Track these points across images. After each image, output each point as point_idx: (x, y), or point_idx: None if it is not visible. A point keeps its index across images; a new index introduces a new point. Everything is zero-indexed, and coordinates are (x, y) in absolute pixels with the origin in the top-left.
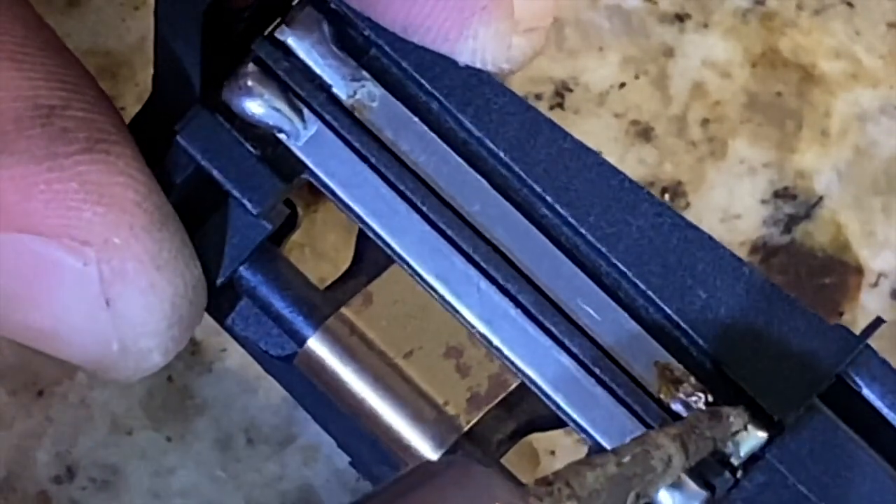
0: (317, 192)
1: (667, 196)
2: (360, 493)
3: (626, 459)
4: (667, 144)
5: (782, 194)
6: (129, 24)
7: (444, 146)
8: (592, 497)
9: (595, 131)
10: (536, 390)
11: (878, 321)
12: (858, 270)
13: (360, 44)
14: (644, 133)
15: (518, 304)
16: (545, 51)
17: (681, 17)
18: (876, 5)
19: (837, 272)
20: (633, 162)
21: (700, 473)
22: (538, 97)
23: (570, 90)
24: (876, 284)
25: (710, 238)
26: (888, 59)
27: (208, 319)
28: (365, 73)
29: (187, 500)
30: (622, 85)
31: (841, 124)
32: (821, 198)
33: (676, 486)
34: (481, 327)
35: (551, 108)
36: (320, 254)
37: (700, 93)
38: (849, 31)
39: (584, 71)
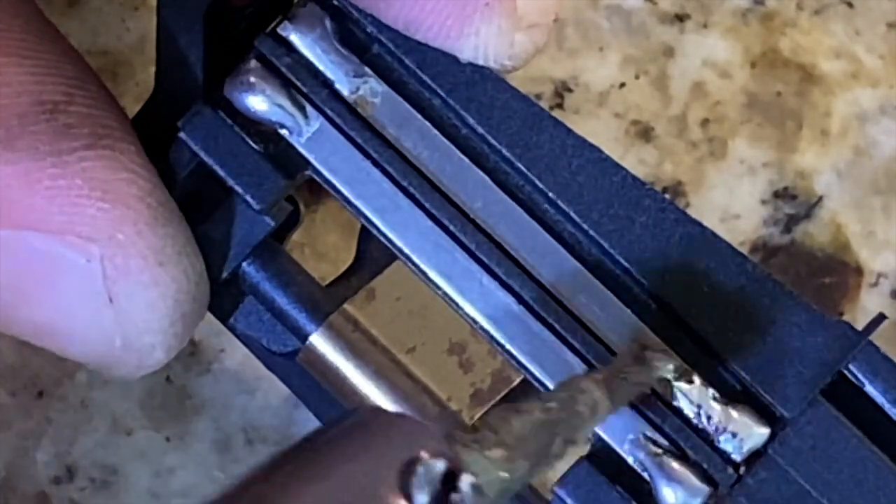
0: (316, 192)
1: (667, 196)
2: None
3: (552, 405)
4: (667, 144)
5: (782, 194)
6: (129, 24)
7: (447, 142)
8: (519, 443)
9: (595, 131)
10: (539, 386)
11: (880, 317)
12: (858, 270)
13: (363, 40)
14: (644, 133)
15: (521, 300)
16: (546, 49)
17: (681, 17)
18: (876, 5)
19: (837, 272)
20: (633, 162)
21: (703, 469)
22: (538, 97)
23: (570, 90)
24: (876, 284)
25: (713, 234)
26: (888, 59)
27: (207, 320)
28: (367, 70)
29: (187, 501)
30: (622, 85)
31: (841, 124)
32: (821, 198)
33: (679, 482)
34: (484, 323)
35: (551, 108)
36: (320, 253)
37: (700, 93)
38: (849, 31)
39: (584, 71)
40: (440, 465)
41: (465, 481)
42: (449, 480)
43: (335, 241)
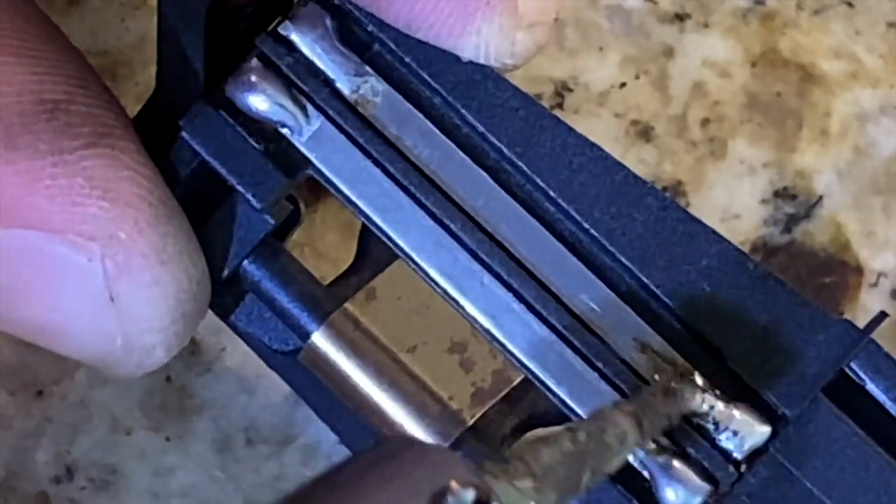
0: (316, 192)
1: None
2: None
3: (582, 437)
4: (667, 144)
5: (782, 194)
6: (129, 24)
7: (448, 141)
8: (548, 474)
9: (595, 131)
10: (540, 385)
11: (881, 315)
12: (858, 270)
13: (364, 39)
14: (644, 133)
15: (521, 299)
16: (546, 49)
17: (681, 17)
18: (876, 5)
19: (837, 272)
20: (633, 162)
21: (703, 468)
22: (538, 97)
23: (570, 90)
24: (876, 284)
25: (714, 232)
26: (888, 59)
27: (207, 319)
28: (368, 69)
29: (186, 500)
30: (622, 85)
31: (841, 124)
32: (821, 198)
33: (680, 480)
34: (485, 322)
35: (551, 107)
36: (320, 253)
37: (700, 93)
38: (849, 30)
39: (585, 71)
40: (470, 495)
41: None
42: None
43: (335, 241)
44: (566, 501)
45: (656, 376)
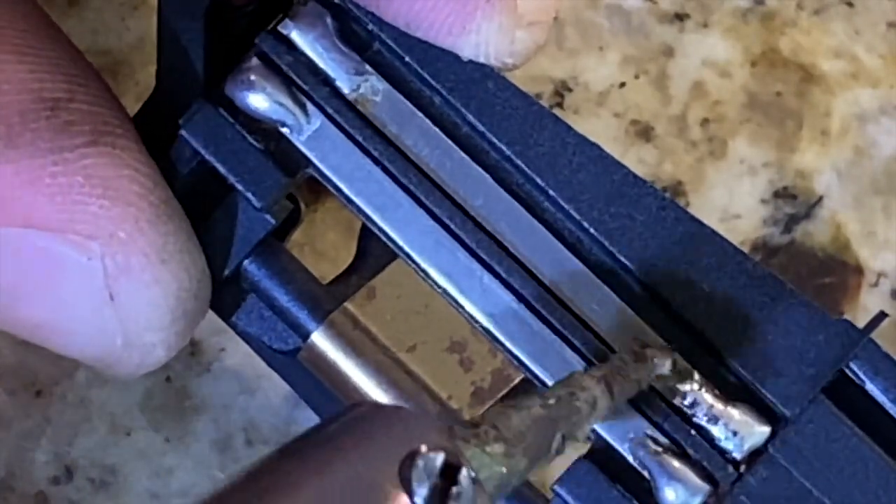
0: (316, 191)
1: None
2: None
3: (552, 401)
4: (667, 144)
5: (782, 194)
6: (129, 24)
7: (447, 140)
8: (518, 438)
9: (595, 131)
10: (540, 384)
11: (881, 315)
12: (858, 270)
13: (364, 38)
14: (644, 133)
15: (521, 299)
16: (546, 49)
17: (681, 17)
18: (876, 5)
19: (837, 272)
20: (633, 162)
21: (703, 468)
22: (538, 96)
23: (570, 90)
24: (876, 284)
25: (714, 232)
26: (888, 59)
27: (207, 319)
28: (368, 68)
29: (186, 501)
30: (622, 84)
31: (841, 124)
32: (821, 198)
33: (679, 480)
34: (484, 321)
35: (551, 107)
36: (320, 253)
37: (700, 93)
38: (849, 30)
39: (584, 70)
40: (440, 459)
41: (465, 475)
42: (448, 474)
43: (334, 241)
44: (536, 466)
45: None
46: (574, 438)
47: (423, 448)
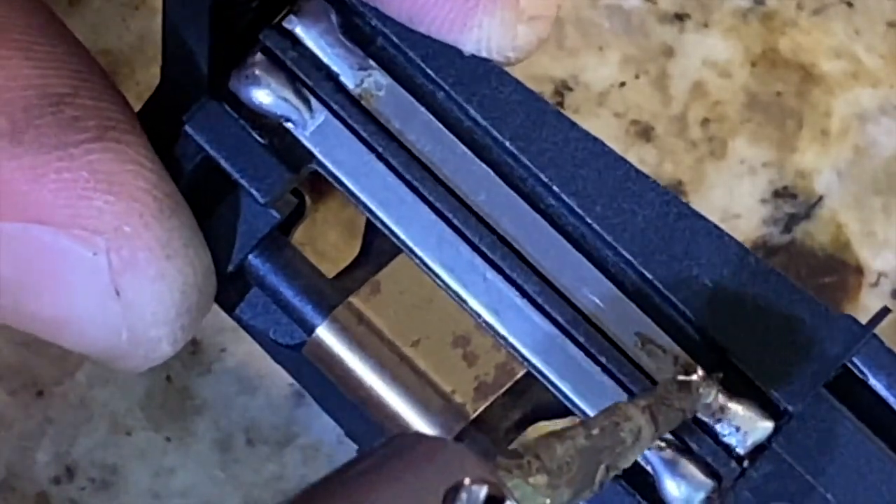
0: (317, 191)
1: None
2: None
3: (596, 431)
4: (667, 144)
5: (782, 194)
6: (129, 24)
7: (451, 135)
8: (562, 469)
9: (595, 131)
10: (542, 379)
11: (884, 311)
12: (858, 270)
13: (367, 33)
14: (644, 133)
15: (524, 294)
16: (546, 48)
17: (681, 17)
18: (876, 5)
19: (837, 272)
20: (633, 161)
21: (706, 463)
22: None
23: (570, 89)
24: (876, 284)
25: (716, 227)
26: (888, 58)
27: (207, 321)
28: (372, 63)
29: (187, 501)
30: (622, 84)
31: (841, 124)
32: (821, 197)
33: (683, 476)
34: (487, 316)
35: None
36: (321, 253)
37: (700, 93)
38: (849, 30)
39: (585, 70)
40: (483, 491)
41: None
42: None
43: (336, 240)
44: (580, 497)
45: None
46: (617, 469)
47: (467, 481)
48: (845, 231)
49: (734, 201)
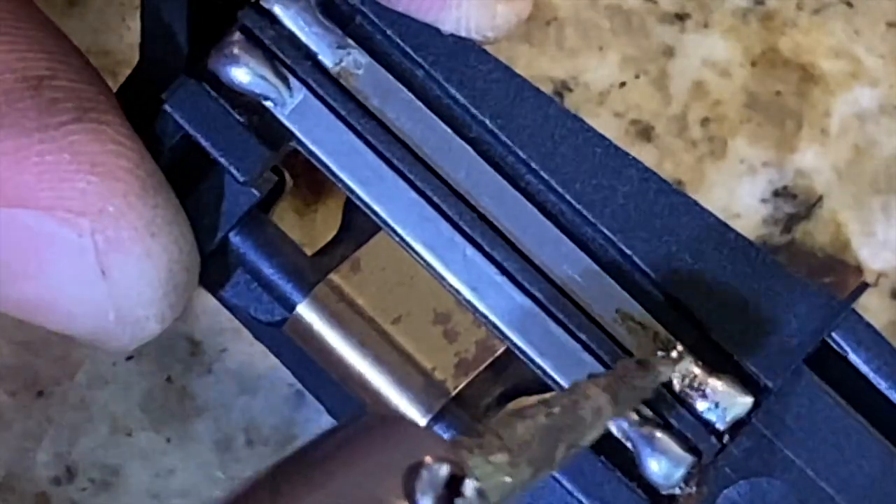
0: (317, 191)
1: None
2: None
3: (556, 410)
4: (667, 144)
5: (782, 194)
6: (129, 24)
7: (430, 114)
8: (523, 448)
9: None
10: (522, 356)
11: (863, 286)
12: (858, 270)
13: (346, 12)
14: (644, 133)
15: (503, 271)
16: (546, 48)
17: (681, 17)
18: (876, 5)
19: (837, 272)
20: None
21: (686, 439)
22: None
23: (570, 90)
24: (876, 284)
25: (696, 203)
26: (888, 58)
27: (207, 321)
28: (350, 42)
29: (187, 501)
30: (622, 84)
31: (841, 124)
32: (821, 197)
33: (663, 451)
34: (467, 293)
35: None
36: None
37: (700, 92)
38: (848, 30)
39: (584, 70)
40: (444, 470)
41: (469, 486)
42: (453, 485)
43: None
44: (541, 475)
45: (643, 347)
46: (577, 447)
47: (428, 459)
48: (845, 231)
49: (734, 201)
